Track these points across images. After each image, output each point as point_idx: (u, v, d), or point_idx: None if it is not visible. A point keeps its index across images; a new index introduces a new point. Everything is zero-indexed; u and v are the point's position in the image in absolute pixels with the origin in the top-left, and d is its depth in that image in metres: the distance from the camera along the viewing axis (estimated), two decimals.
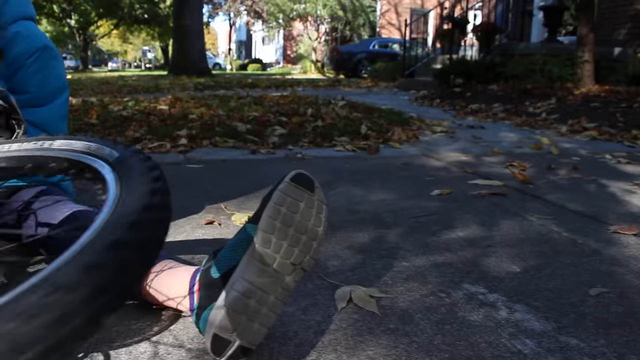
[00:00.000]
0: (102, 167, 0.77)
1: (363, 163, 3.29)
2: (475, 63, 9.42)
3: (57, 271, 0.49)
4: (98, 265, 0.51)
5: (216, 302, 1.05)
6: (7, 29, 1.55)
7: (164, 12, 35.56)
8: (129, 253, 0.56)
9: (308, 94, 8.42)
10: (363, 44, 22.03)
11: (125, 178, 0.71)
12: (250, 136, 3.92)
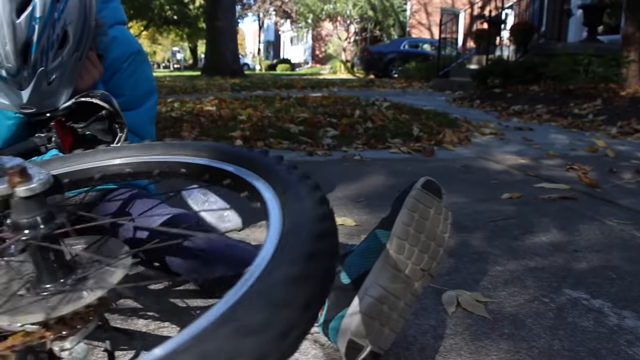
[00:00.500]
0: (260, 185, 0.76)
1: (422, 165, 3.30)
2: (514, 63, 9.34)
3: (240, 310, 0.47)
4: (283, 303, 0.48)
5: (349, 307, 1.07)
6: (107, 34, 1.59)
7: (193, 13, 35.83)
8: (311, 287, 0.55)
9: (346, 94, 8.44)
10: (393, 44, 21.95)
11: (287, 199, 0.69)
12: (303, 137, 3.95)
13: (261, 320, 0.44)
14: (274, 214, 0.67)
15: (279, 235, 0.61)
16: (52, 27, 1.22)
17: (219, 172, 0.85)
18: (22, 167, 0.71)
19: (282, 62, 35.24)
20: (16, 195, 0.72)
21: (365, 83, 14.01)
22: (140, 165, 0.93)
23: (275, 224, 0.64)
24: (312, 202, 0.65)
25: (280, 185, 0.75)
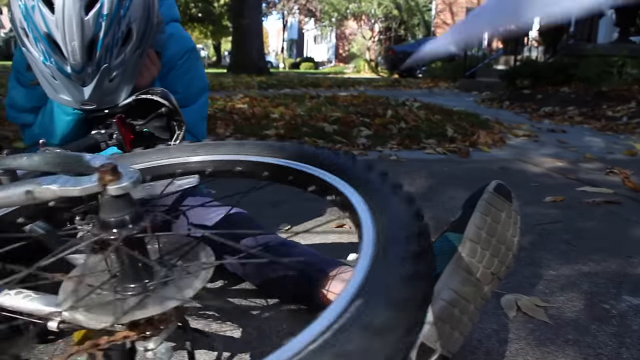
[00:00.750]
0: (351, 194, 0.75)
1: (459, 167, 3.27)
2: (544, 64, 9.24)
3: (341, 334, 0.47)
4: (384, 327, 0.48)
5: None
6: (165, 31, 1.59)
7: (217, 10, 36.00)
8: (411, 313, 0.52)
9: (374, 94, 8.41)
10: (418, 43, 21.83)
11: (381, 212, 0.68)
12: (337, 137, 3.94)
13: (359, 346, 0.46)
14: (367, 231, 0.65)
15: (375, 253, 0.60)
16: (117, 24, 1.22)
17: (304, 175, 0.84)
18: (113, 165, 0.71)
19: (306, 60, 35.27)
20: (107, 193, 0.71)
21: (391, 83, 13.96)
22: (222, 164, 0.92)
23: (369, 242, 0.62)
24: (407, 218, 0.64)
25: (372, 197, 0.74)
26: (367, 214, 0.71)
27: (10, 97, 1.59)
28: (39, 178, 0.76)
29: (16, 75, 1.57)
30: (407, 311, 0.53)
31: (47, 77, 1.29)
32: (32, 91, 1.54)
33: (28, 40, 1.24)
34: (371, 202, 0.72)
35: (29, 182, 0.76)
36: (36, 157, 0.93)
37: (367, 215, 0.69)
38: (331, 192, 0.82)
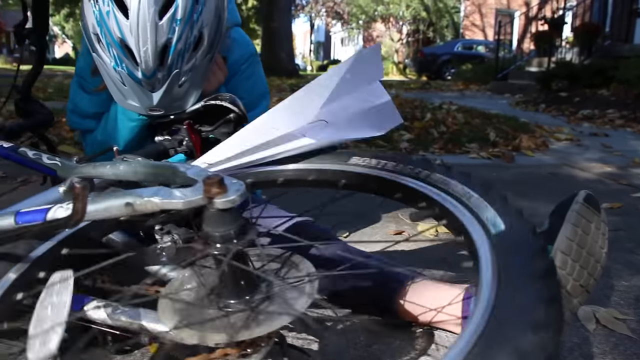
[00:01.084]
0: (479, 238, 0.68)
1: (506, 172, 3.21)
2: (581, 66, 9.08)
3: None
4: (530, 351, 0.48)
5: None
6: (230, 35, 1.57)
7: (245, 14, 36.15)
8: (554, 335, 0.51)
9: (407, 96, 8.35)
10: (447, 45, 21.70)
11: (506, 266, 0.62)
12: (379, 140, 3.90)
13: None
14: (486, 267, 0.63)
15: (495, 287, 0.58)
16: (190, 28, 1.21)
17: (413, 193, 0.81)
18: (219, 177, 0.69)
19: (333, 62, 35.23)
20: (213, 206, 0.69)
21: (421, 85, 13.85)
22: (329, 174, 0.90)
23: (488, 279, 0.60)
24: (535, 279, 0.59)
25: (489, 222, 0.70)
26: (485, 245, 0.68)
27: (72, 103, 1.59)
28: (138, 190, 0.75)
29: (79, 81, 1.57)
30: (550, 333, 0.51)
31: (116, 83, 1.28)
32: (95, 97, 1.54)
33: (100, 45, 1.23)
34: (497, 249, 0.68)
35: (128, 193, 0.74)
36: (122, 166, 0.92)
37: (487, 259, 0.66)
38: (445, 215, 0.79)
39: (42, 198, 1.11)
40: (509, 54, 13.94)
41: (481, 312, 0.54)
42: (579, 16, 13.11)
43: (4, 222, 0.83)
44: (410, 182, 0.83)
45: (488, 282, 0.60)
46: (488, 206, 0.73)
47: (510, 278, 0.59)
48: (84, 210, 0.66)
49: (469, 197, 0.76)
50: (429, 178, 0.82)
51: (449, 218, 0.75)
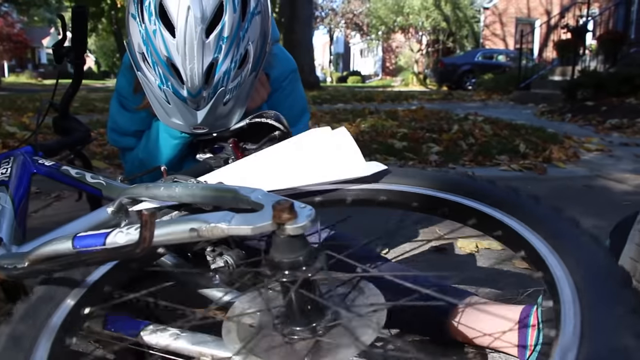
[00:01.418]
0: (562, 278, 0.65)
1: (540, 184, 3.16)
2: (607, 74, 8.98)
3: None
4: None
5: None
6: (272, 51, 1.56)
7: None
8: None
9: (431, 107, 8.32)
10: (467, 55, 21.62)
11: (585, 281, 0.61)
12: (408, 154, 3.87)
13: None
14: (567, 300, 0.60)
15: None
16: (236, 46, 1.19)
17: (489, 220, 0.78)
18: (290, 202, 0.67)
19: (353, 74, 35.30)
20: (282, 232, 0.67)
21: (444, 96, 13.79)
22: (400, 196, 0.87)
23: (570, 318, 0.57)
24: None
25: (568, 254, 0.67)
26: (564, 279, 0.65)
27: (113, 121, 1.59)
28: (203, 215, 0.73)
29: (119, 99, 1.56)
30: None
31: (160, 101, 1.27)
32: (135, 115, 1.53)
33: (145, 64, 1.22)
34: (567, 260, 0.65)
35: (192, 219, 0.72)
36: (178, 189, 0.90)
37: (562, 274, 0.63)
38: (496, 227, 0.77)
39: (92, 218, 1.10)
40: (530, 63, 13.83)
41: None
42: (601, 24, 13.00)
43: (62, 246, 0.82)
44: (486, 208, 0.79)
45: (571, 332, 0.56)
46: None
47: (598, 327, 0.55)
48: (151, 237, 0.64)
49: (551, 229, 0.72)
50: (509, 206, 0.79)
51: (528, 250, 0.72)
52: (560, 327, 0.58)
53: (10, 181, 1.27)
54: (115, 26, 26.95)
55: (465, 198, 0.84)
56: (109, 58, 45.73)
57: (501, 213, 0.79)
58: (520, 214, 0.77)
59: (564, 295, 0.62)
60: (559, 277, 0.64)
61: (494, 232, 0.79)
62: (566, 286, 0.62)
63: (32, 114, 7.83)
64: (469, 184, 0.85)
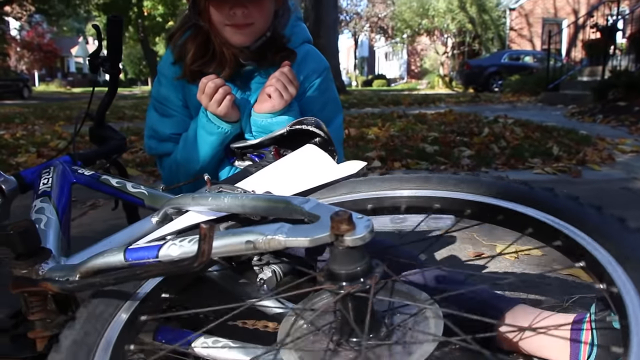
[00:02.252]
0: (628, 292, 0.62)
1: (577, 188, 3.11)
2: (639, 74, 8.81)
3: None
4: None
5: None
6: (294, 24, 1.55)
7: None
8: None
9: (459, 110, 8.25)
10: (493, 57, 21.41)
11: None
12: (440, 158, 3.84)
13: None
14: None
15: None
16: None
17: (547, 229, 0.76)
18: (348, 214, 0.65)
19: (378, 77, 35.24)
20: (340, 244, 0.66)
21: (470, 98, 13.68)
22: (455, 203, 0.86)
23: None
24: None
25: (636, 266, 0.64)
26: (623, 276, 0.62)
27: (150, 129, 1.59)
28: (259, 227, 0.72)
29: (155, 105, 1.58)
30: None
31: None
32: (171, 119, 1.54)
33: None
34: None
35: (248, 231, 0.72)
36: (227, 199, 0.89)
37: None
38: (555, 236, 0.74)
39: (138, 229, 1.10)
40: (558, 64, 13.65)
41: None
42: (632, 22, 12.78)
43: (114, 259, 0.82)
44: (544, 216, 0.77)
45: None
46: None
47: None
48: (210, 251, 0.63)
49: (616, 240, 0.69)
50: (568, 215, 0.76)
51: (589, 261, 0.70)
52: (630, 344, 0.56)
53: (52, 191, 1.28)
54: (142, 34, 27.25)
55: (522, 205, 0.82)
56: (135, 66, 46.29)
57: (560, 222, 0.77)
58: (581, 223, 0.75)
59: (633, 309, 0.59)
60: (625, 290, 0.62)
61: (552, 241, 0.76)
62: (636, 300, 0.60)
63: (63, 123, 7.96)
64: (526, 191, 0.83)
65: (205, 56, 1.46)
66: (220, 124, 1.38)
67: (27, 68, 36.85)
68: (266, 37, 1.45)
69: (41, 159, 4.23)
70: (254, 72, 1.50)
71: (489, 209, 0.84)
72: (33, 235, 0.93)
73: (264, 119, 1.39)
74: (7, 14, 25.89)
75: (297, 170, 1.04)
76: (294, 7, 1.57)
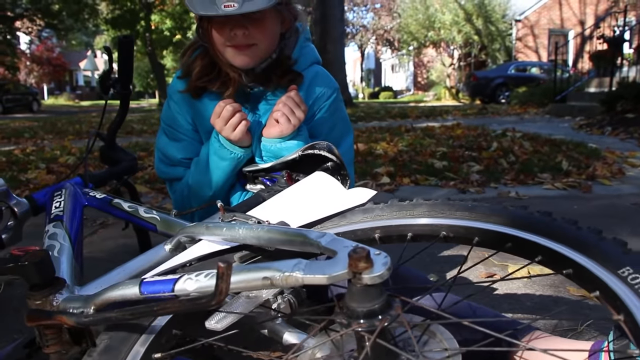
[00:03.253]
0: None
1: (588, 204, 3.09)
2: None
3: None
4: None
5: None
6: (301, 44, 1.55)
7: None
8: None
9: (467, 123, 8.25)
10: (500, 68, 21.41)
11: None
12: (449, 173, 3.83)
13: None
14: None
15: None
16: None
17: (558, 257, 0.76)
18: (366, 251, 0.65)
19: (384, 89, 35.27)
20: (359, 281, 0.66)
21: (478, 110, 13.66)
22: (462, 231, 0.85)
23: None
24: None
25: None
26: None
27: (161, 153, 1.59)
28: (276, 263, 0.72)
29: (165, 129, 1.58)
30: None
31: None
32: (181, 143, 1.54)
33: None
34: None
35: (265, 267, 0.71)
36: (242, 230, 0.89)
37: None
38: (566, 265, 0.74)
39: (151, 256, 1.10)
40: (565, 75, 13.63)
41: None
42: (639, 33, 12.75)
43: (129, 292, 0.81)
44: (554, 245, 0.77)
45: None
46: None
47: None
48: (227, 289, 0.63)
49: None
50: (576, 243, 0.76)
51: (604, 291, 0.69)
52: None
53: (64, 215, 1.28)
54: (149, 47, 27.39)
55: (530, 234, 0.81)
56: (143, 79, 46.52)
57: (570, 250, 0.76)
58: (591, 252, 0.74)
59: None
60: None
61: (563, 269, 0.76)
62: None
63: (72, 137, 8.00)
64: (533, 219, 0.83)
65: (210, 74, 1.46)
66: (233, 149, 1.38)
67: (36, 82, 37.14)
68: (272, 59, 1.44)
69: (51, 175, 4.25)
70: (263, 94, 1.49)
71: (498, 237, 0.84)
72: (48, 266, 0.93)
73: (273, 144, 1.39)
74: (18, 29, 26.13)
75: (308, 197, 1.04)
76: (302, 28, 1.57)
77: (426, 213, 0.91)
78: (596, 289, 0.70)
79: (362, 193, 1.00)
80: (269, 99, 1.49)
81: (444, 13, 27.18)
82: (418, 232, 0.91)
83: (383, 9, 35.50)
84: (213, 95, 1.46)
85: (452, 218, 0.89)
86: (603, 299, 0.69)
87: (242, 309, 0.87)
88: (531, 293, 1.76)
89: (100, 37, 38.46)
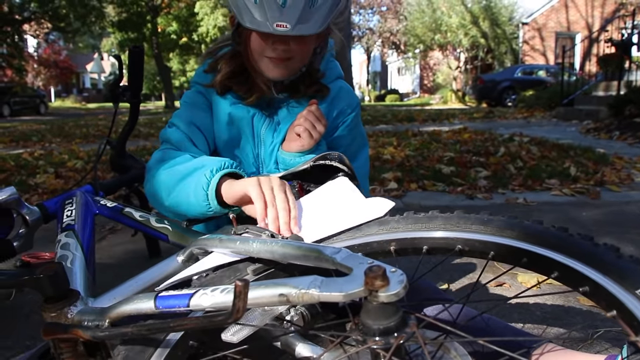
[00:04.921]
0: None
1: (597, 210, 3.08)
2: None
3: None
4: None
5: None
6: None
7: None
8: None
9: (474, 127, 8.23)
10: (506, 71, 21.36)
11: None
12: (456, 179, 3.83)
13: None
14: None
15: None
16: None
17: (575, 274, 0.76)
18: (383, 269, 0.65)
19: (390, 92, 35.25)
20: (374, 299, 0.66)
21: (484, 114, 13.63)
22: (478, 245, 0.85)
23: None
24: None
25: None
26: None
27: None
28: (292, 280, 0.72)
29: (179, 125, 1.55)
30: None
31: (246, 2, 1.26)
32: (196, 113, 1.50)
33: None
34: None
35: (281, 283, 0.71)
36: (255, 244, 0.89)
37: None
38: (582, 282, 0.74)
39: (163, 268, 1.10)
40: (572, 78, 13.59)
41: None
42: None
43: (144, 306, 0.82)
44: (571, 262, 0.77)
45: None
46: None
47: None
48: (244, 308, 0.63)
49: None
50: (593, 260, 0.76)
51: (622, 311, 0.69)
52: None
53: (76, 224, 1.28)
54: (156, 50, 27.46)
55: (545, 249, 0.81)
56: (149, 81, 46.63)
57: (587, 267, 0.76)
58: (608, 270, 0.74)
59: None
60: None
61: (580, 287, 0.76)
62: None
63: (79, 140, 8.02)
64: (549, 234, 0.83)
65: (238, 77, 1.44)
66: (214, 206, 1.14)
67: (44, 84, 37.31)
68: (301, 72, 1.44)
69: (59, 180, 4.27)
70: (286, 100, 1.48)
71: (513, 251, 0.84)
72: (62, 278, 0.93)
73: (292, 157, 1.38)
74: (25, 32, 26.25)
75: (329, 205, 1.04)
76: (331, 46, 1.56)
77: (442, 226, 0.91)
78: (613, 309, 0.70)
79: (381, 203, 1.00)
80: (291, 106, 1.48)
81: (451, 16, 27.13)
82: (434, 245, 0.92)
83: (389, 11, 35.50)
84: (234, 96, 1.44)
85: (468, 232, 0.89)
86: (620, 319, 0.69)
87: (258, 322, 0.87)
88: (541, 302, 1.76)
89: (106, 40, 38.56)
